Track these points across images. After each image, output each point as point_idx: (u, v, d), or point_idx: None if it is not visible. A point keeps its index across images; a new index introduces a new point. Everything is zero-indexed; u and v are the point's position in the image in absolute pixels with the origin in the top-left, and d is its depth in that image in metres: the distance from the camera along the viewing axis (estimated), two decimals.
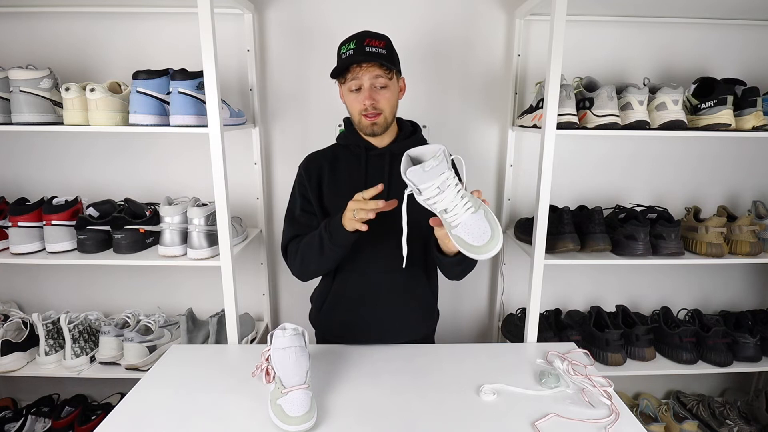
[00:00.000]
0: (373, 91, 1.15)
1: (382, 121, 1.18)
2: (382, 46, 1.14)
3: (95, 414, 1.73)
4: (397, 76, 1.21)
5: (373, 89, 1.15)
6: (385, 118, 1.17)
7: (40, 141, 1.71)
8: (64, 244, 1.46)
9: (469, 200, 0.91)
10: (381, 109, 1.16)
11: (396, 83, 1.20)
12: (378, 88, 1.15)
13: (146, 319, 1.59)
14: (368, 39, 1.14)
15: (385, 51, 1.14)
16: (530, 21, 1.67)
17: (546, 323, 1.65)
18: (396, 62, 1.20)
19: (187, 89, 1.31)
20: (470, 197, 0.92)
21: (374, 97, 1.15)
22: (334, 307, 1.28)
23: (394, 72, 1.17)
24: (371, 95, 1.15)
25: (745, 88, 1.44)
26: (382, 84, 1.15)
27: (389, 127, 1.21)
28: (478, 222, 0.90)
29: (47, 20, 1.63)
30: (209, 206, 1.44)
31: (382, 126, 1.18)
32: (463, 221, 0.90)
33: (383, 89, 1.15)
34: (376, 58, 1.12)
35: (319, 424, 0.96)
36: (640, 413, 1.82)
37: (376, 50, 1.12)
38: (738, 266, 1.91)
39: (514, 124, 1.73)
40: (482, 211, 0.91)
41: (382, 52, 1.13)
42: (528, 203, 1.82)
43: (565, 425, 0.98)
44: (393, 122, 1.23)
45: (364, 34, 1.15)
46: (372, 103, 1.15)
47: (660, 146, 1.78)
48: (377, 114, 1.16)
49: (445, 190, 0.90)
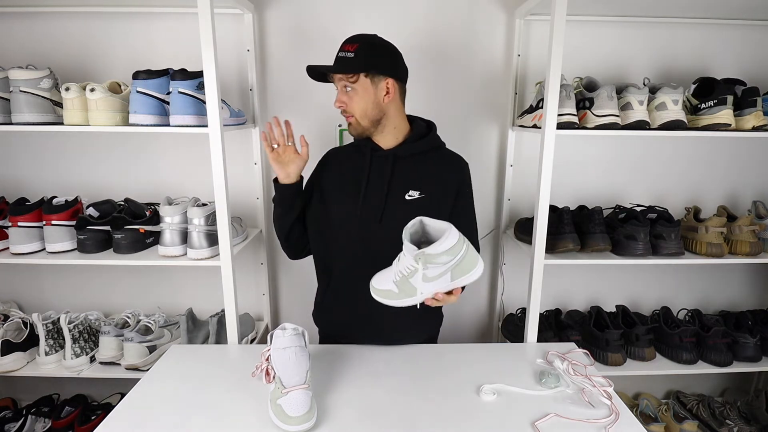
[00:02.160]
0: (342, 94, 1.19)
1: (355, 123, 1.20)
2: (352, 49, 1.15)
3: (95, 414, 1.72)
4: (373, 77, 1.16)
5: (342, 92, 1.19)
6: (357, 120, 1.20)
7: (40, 141, 1.71)
8: (64, 244, 1.46)
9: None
10: (351, 113, 1.19)
11: (367, 85, 1.16)
12: (346, 90, 1.18)
13: (146, 319, 1.58)
14: (345, 44, 1.17)
15: (352, 54, 1.14)
16: (530, 21, 1.67)
17: (546, 323, 1.65)
18: (366, 64, 1.15)
19: (187, 89, 1.31)
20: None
21: (342, 99, 1.19)
22: (334, 303, 1.29)
23: (360, 75, 1.15)
24: (340, 98, 1.19)
25: (745, 88, 1.44)
26: (349, 87, 1.17)
27: (367, 131, 1.21)
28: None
29: (47, 20, 1.63)
30: (209, 206, 1.44)
31: (356, 128, 1.21)
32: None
33: (351, 92, 1.18)
34: (337, 65, 1.16)
35: (319, 424, 0.96)
36: (640, 413, 1.82)
37: (344, 54, 1.15)
38: (738, 266, 1.91)
39: (514, 124, 1.73)
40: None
41: (349, 56, 1.15)
42: (528, 203, 1.82)
43: (565, 425, 0.98)
44: (373, 125, 1.20)
45: (347, 39, 1.18)
46: (340, 107, 1.20)
47: (660, 146, 1.78)
48: (350, 116, 1.20)
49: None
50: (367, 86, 1.16)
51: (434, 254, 0.92)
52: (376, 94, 1.17)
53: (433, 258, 0.92)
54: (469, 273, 0.96)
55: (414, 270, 0.95)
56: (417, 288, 0.97)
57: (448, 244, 0.91)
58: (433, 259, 0.93)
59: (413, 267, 0.94)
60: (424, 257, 0.92)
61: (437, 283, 0.96)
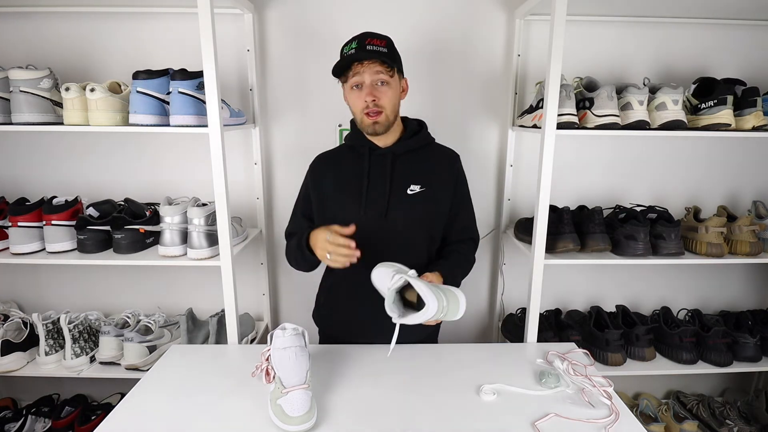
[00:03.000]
0: (374, 88, 1.16)
1: (384, 120, 1.17)
2: (383, 45, 1.15)
3: (95, 414, 1.72)
4: (399, 75, 1.21)
5: (374, 86, 1.16)
6: (386, 116, 1.17)
7: (40, 141, 1.71)
8: (64, 244, 1.46)
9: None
10: (382, 107, 1.16)
11: (398, 82, 1.20)
12: (379, 84, 1.16)
13: (146, 319, 1.58)
14: (369, 38, 1.15)
15: (386, 49, 1.15)
16: (530, 21, 1.67)
17: (546, 323, 1.65)
18: (397, 61, 1.20)
19: (187, 89, 1.31)
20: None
21: (375, 93, 1.15)
22: (336, 303, 1.29)
23: (395, 70, 1.18)
24: (372, 92, 1.15)
25: (745, 88, 1.44)
26: (384, 80, 1.15)
27: (391, 127, 1.21)
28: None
29: (47, 20, 1.63)
30: (209, 206, 1.44)
31: (384, 125, 1.18)
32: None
33: (384, 86, 1.16)
34: (377, 55, 1.13)
35: (319, 424, 0.96)
36: (640, 413, 1.82)
37: (377, 48, 1.14)
38: (738, 266, 1.91)
39: (514, 124, 1.73)
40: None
41: (383, 50, 1.14)
42: (528, 203, 1.82)
43: (565, 425, 0.98)
44: (395, 122, 1.23)
45: (366, 34, 1.17)
46: (373, 100, 1.15)
47: (660, 146, 1.78)
48: (378, 112, 1.16)
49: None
50: (397, 82, 1.19)
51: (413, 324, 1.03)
52: (399, 91, 1.21)
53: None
54: (453, 316, 1.05)
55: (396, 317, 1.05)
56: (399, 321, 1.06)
57: (427, 315, 1.00)
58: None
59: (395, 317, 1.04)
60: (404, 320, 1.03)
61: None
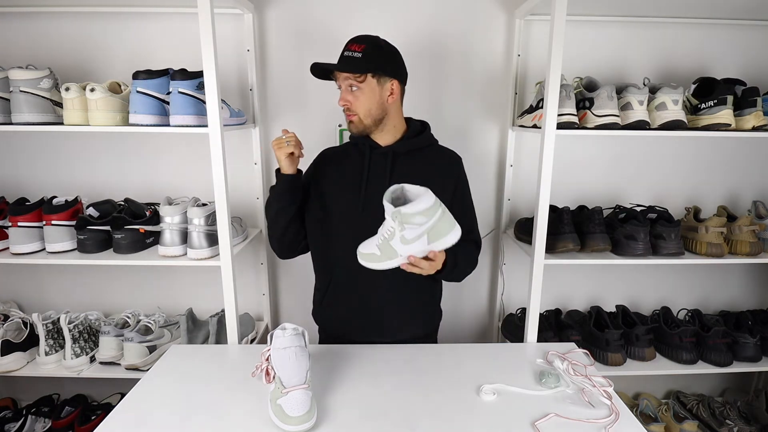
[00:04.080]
0: (347, 92, 1.21)
1: (357, 122, 1.22)
2: (359, 50, 1.17)
3: (95, 414, 1.72)
4: (380, 78, 1.19)
5: (347, 91, 1.21)
6: (360, 119, 1.21)
7: (40, 141, 1.71)
8: (64, 244, 1.46)
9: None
10: (354, 111, 1.21)
11: (373, 86, 1.19)
12: (351, 90, 1.20)
13: (146, 319, 1.58)
14: (351, 43, 1.19)
15: (360, 54, 1.17)
16: (530, 21, 1.67)
17: (546, 323, 1.65)
18: (374, 64, 1.18)
19: (187, 89, 1.31)
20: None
21: (347, 98, 1.20)
22: (335, 301, 1.29)
23: (367, 76, 1.18)
24: (344, 97, 1.21)
25: (745, 88, 1.44)
26: (354, 85, 1.19)
27: (368, 129, 1.23)
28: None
29: (47, 20, 1.63)
30: (209, 206, 1.44)
31: (358, 127, 1.23)
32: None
33: (357, 91, 1.19)
34: (345, 64, 1.17)
35: (319, 424, 0.96)
36: (640, 413, 1.82)
37: (351, 54, 1.17)
38: (738, 266, 1.91)
39: (514, 124, 1.73)
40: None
41: (356, 55, 1.17)
42: (528, 203, 1.82)
43: (565, 425, 0.98)
44: (375, 124, 1.23)
45: (351, 40, 1.20)
46: (344, 105, 1.21)
47: (660, 146, 1.78)
48: (353, 115, 1.21)
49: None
50: (374, 86, 1.19)
51: (410, 213, 0.98)
52: (381, 94, 1.21)
53: (409, 218, 0.99)
54: (445, 237, 1.03)
55: (392, 232, 1.01)
56: (396, 250, 1.03)
57: (423, 205, 0.98)
58: (409, 219, 0.99)
59: (392, 228, 1.01)
60: (401, 216, 0.98)
61: (415, 246, 1.03)
